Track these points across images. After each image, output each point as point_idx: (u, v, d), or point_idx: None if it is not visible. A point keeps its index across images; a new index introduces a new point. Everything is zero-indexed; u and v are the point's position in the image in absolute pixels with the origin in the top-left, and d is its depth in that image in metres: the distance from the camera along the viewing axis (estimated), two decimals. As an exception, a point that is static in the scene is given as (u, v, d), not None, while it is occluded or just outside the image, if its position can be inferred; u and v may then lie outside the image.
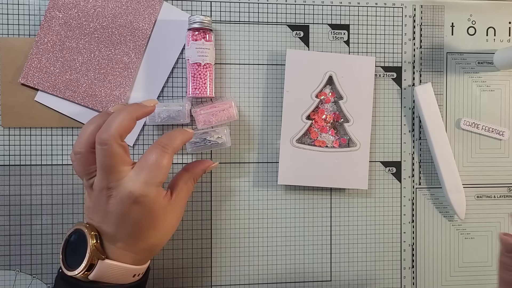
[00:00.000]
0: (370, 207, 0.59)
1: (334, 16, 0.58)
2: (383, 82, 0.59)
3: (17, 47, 0.53)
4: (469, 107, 0.60)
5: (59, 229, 0.54)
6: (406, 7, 0.59)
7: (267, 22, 0.57)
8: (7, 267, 0.54)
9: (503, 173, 0.61)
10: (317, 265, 0.58)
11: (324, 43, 0.58)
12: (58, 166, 0.54)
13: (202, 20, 0.52)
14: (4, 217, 0.54)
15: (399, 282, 0.59)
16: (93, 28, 0.53)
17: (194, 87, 0.53)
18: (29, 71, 0.52)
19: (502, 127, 0.60)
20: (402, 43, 0.59)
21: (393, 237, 0.59)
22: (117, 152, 0.40)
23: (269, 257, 0.58)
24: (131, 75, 0.54)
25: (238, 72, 0.57)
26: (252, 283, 0.57)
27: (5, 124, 0.53)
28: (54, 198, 0.54)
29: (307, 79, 0.56)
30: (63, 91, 0.53)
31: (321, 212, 0.58)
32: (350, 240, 0.59)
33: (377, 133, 0.59)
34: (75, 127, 0.54)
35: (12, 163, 0.54)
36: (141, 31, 0.54)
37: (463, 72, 0.60)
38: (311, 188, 0.58)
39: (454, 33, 0.60)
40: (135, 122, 0.42)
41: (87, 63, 0.53)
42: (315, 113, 0.57)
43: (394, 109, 0.59)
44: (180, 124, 0.55)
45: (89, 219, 0.44)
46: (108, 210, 0.41)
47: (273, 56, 0.57)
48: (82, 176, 0.43)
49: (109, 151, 0.40)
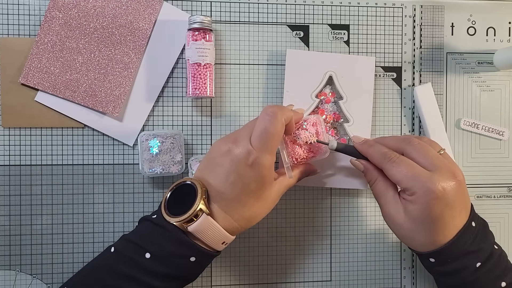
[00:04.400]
0: (370, 207, 0.59)
1: (334, 16, 0.58)
2: (383, 82, 0.59)
3: (17, 47, 0.53)
4: (469, 107, 0.60)
5: (59, 229, 0.54)
6: (406, 7, 0.59)
7: (267, 22, 0.57)
8: (7, 267, 0.54)
9: (503, 173, 0.61)
10: (317, 265, 0.58)
11: (324, 43, 0.58)
12: (58, 166, 0.54)
13: (202, 20, 0.52)
14: (4, 217, 0.54)
15: (399, 282, 0.59)
16: (93, 28, 0.53)
17: (194, 87, 0.53)
18: (29, 71, 0.52)
19: (502, 127, 0.60)
20: (402, 43, 0.59)
21: (393, 237, 0.59)
22: (279, 124, 0.43)
23: (269, 257, 0.58)
24: (131, 75, 0.54)
25: (238, 72, 0.57)
26: (252, 283, 0.57)
27: (5, 124, 0.53)
28: (54, 198, 0.54)
29: (307, 79, 0.56)
30: (63, 91, 0.53)
31: (321, 212, 0.58)
32: (350, 240, 0.59)
33: (377, 133, 0.59)
34: (75, 127, 0.54)
35: (12, 163, 0.54)
36: (141, 31, 0.54)
37: (463, 72, 0.60)
38: (311, 188, 0.58)
39: (454, 33, 0.60)
40: (292, 121, 0.46)
41: (87, 63, 0.53)
42: (315, 113, 0.57)
43: (394, 109, 0.59)
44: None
45: (199, 175, 0.45)
46: (223, 165, 0.43)
47: (273, 56, 0.57)
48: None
49: (272, 121, 0.42)
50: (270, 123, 0.42)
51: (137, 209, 0.55)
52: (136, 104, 0.55)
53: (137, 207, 0.55)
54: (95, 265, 0.44)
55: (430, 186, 0.41)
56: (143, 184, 0.56)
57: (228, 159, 0.43)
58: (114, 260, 0.43)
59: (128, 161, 0.55)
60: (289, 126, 0.46)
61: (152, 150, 0.52)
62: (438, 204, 0.42)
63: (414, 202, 0.43)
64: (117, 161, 0.55)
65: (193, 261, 0.42)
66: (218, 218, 0.43)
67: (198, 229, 0.42)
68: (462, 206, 0.44)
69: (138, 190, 0.55)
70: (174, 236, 0.42)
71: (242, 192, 0.43)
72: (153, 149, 0.52)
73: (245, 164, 0.42)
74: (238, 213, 0.44)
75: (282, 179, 0.47)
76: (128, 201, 0.55)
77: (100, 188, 0.55)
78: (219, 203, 0.43)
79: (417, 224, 0.43)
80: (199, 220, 0.41)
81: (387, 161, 0.45)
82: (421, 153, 0.44)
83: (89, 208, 0.55)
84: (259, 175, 0.43)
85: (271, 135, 0.42)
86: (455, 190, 0.42)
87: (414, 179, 0.42)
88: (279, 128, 0.43)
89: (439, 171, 0.42)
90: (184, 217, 0.41)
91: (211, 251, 0.44)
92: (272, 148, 0.43)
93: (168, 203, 0.44)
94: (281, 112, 0.43)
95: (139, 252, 0.42)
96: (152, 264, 0.41)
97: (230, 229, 0.44)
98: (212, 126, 0.57)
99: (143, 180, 0.56)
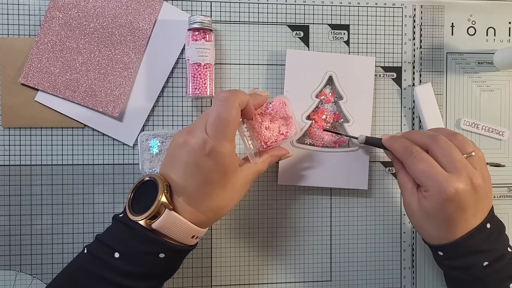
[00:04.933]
0: (370, 207, 0.59)
1: (334, 16, 0.58)
2: (383, 82, 0.59)
3: (17, 47, 0.53)
4: (469, 107, 0.60)
5: (59, 229, 0.54)
6: (406, 7, 0.59)
7: (267, 22, 0.57)
8: (7, 267, 0.54)
9: (503, 173, 0.61)
10: (317, 265, 0.58)
11: (324, 43, 0.58)
12: (58, 166, 0.54)
13: (202, 20, 0.52)
14: (4, 217, 0.54)
15: (399, 282, 0.59)
16: (93, 28, 0.53)
17: (194, 87, 0.53)
18: (29, 71, 0.52)
19: (502, 127, 0.60)
20: (402, 43, 0.59)
21: (393, 237, 0.59)
22: (233, 109, 0.41)
23: (269, 257, 0.58)
24: (131, 75, 0.54)
25: (238, 72, 0.57)
26: (252, 283, 0.57)
27: (5, 124, 0.53)
28: (54, 198, 0.54)
29: (307, 79, 0.56)
30: (63, 91, 0.53)
31: (321, 212, 0.58)
32: (350, 240, 0.59)
33: (377, 133, 0.59)
34: (75, 127, 0.54)
35: (12, 163, 0.54)
36: (141, 31, 0.54)
37: (463, 72, 0.60)
38: (311, 188, 0.58)
39: (454, 33, 0.60)
40: (249, 104, 0.44)
41: (87, 63, 0.53)
42: (315, 113, 0.57)
43: (394, 109, 0.59)
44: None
45: (161, 170, 0.44)
46: (181, 157, 0.42)
47: (273, 56, 0.57)
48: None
49: (224, 106, 0.41)
50: (223, 109, 0.41)
51: (137, 209, 0.55)
52: (136, 104, 0.55)
53: (137, 207, 0.55)
54: (71, 267, 0.44)
55: (443, 186, 0.42)
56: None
57: (184, 150, 0.41)
58: (87, 261, 0.42)
59: (128, 161, 0.55)
60: (246, 110, 0.44)
61: (152, 150, 0.52)
62: (449, 205, 0.42)
63: (427, 199, 0.44)
64: (117, 161, 0.55)
65: (163, 258, 0.42)
66: (182, 212, 0.42)
67: (162, 225, 0.41)
68: (476, 210, 0.44)
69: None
70: (139, 233, 0.41)
71: (204, 183, 0.42)
72: (153, 149, 0.52)
73: (202, 154, 0.41)
74: (203, 205, 0.43)
75: (249, 166, 0.46)
76: (128, 201, 0.55)
77: (100, 188, 0.55)
78: (182, 197, 0.42)
79: (428, 218, 0.44)
80: (162, 216, 0.41)
81: (408, 155, 0.46)
82: (445, 153, 0.44)
83: (89, 208, 0.55)
84: (219, 163, 0.41)
85: (225, 121, 0.41)
86: (469, 194, 0.42)
87: (429, 177, 0.43)
88: (234, 113, 0.41)
89: (458, 174, 0.42)
90: (146, 214, 0.41)
91: (182, 245, 0.43)
92: (229, 135, 0.42)
93: (133, 201, 0.43)
94: (233, 97, 0.42)
95: (108, 252, 0.41)
96: (121, 263, 0.41)
97: (198, 222, 0.43)
98: (212, 126, 0.57)
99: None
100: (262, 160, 0.47)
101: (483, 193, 0.44)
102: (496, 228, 0.45)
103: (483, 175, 0.44)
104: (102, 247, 0.42)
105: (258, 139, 0.47)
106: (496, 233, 0.45)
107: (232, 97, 0.42)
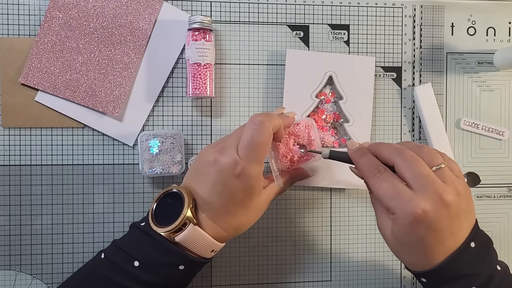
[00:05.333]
0: (370, 207, 0.59)
1: (334, 16, 0.58)
2: (383, 82, 0.59)
3: (17, 47, 0.53)
4: (469, 107, 0.60)
5: (59, 229, 0.54)
6: (406, 7, 0.59)
7: (267, 22, 0.57)
8: (7, 267, 0.54)
9: (503, 173, 0.61)
10: (317, 265, 0.58)
11: (324, 43, 0.58)
12: (58, 166, 0.54)
13: (202, 20, 0.52)
14: (4, 217, 0.54)
15: (399, 282, 0.59)
16: (93, 28, 0.53)
17: (194, 87, 0.53)
18: (29, 71, 0.52)
19: (502, 127, 0.60)
20: (402, 43, 0.59)
21: (393, 237, 0.59)
22: (266, 134, 0.42)
23: (269, 257, 0.58)
24: (131, 75, 0.54)
25: (238, 72, 0.57)
26: (252, 283, 0.57)
27: (5, 124, 0.53)
28: (54, 198, 0.54)
29: (307, 79, 0.56)
30: (63, 91, 0.53)
31: (321, 212, 0.58)
32: (350, 240, 0.59)
33: (377, 133, 0.59)
34: (75, 127, 0.54)
35: (12, 163, 0.54)
36: (141, 31, 0.54)
37: (463, 72, 0.60)
38: (311, 188, 0.58)
39: (454, 33, 0.60)
40: (281, 128, 0.45)
41: (87, 63, 0.53)
42: (315, 113, 0.57)
43: (394, 109, 0.59)
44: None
45: (187, 183, 0.45)
46: (210, 175, 0.42)
47: (273, 56, 0.57)
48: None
49: (259, 131, 0.41)
50: (257, 133, 0.41)
51: (137, 209, 0.55)
52: (136, 104, 0.55)
53: (137, 207, 0.55)
54: (86, 271, 0.44)
55: (408, 207, 0.38)
56: (143, 184, 0.56)
57: (214, 169, 0.42)
58: (104, 267, 0.42)
59: (128, 161, 0.55)
60: (277, 134, 0.45)
61: (152, 150, 0.52)
62: (418, 228, 0.38)
63: (395, 223, 0.40)
64: (117, 161, 0.55)
65: (182, 269, 0.42)
66: (205, 227, 0.43)
67: (186, 239, 0.41)
68: (453, 230, 0.39)
69: (138, 190, 0.55)
70: (162, 245, 0.41)
71: (229, 202, 0.42)
72: (153, 149, 0.52)
73: (231, 174, 0.41)
74: (226, 222, 0.43)
75: (272, 187, 0.46)
76: (128, 201, 0.55)
77: (100, 188, 0.55)
78: (206, 212, 0.43)
79: (401, 244, 0.41)
80: (186, 230, 0.41)
81: (372, 175, 0.41)
82: (410, 169, 0.39)
83: (89, 208, 0.55)
84: (246, 185, 0.42)
85: (258, 145, 0.41)
86: (440, 214, 0.38)
87: (394, 199, 0.39)
88: (267, 138, 0.42)
89: (424, 191, 0.38)
90: (171, 227, 0.41)
91: (201, 259, 0.43)
92: (259, 158, 0.42)
93: (156, 211, 0.44)
94: (268, 121, 0.42)
95: (127, 260, 0.42)
96: (141, 272, 0.41)
97: (218, 238, 0.43)
98: (212, 126, 0.57)
99: (143, 180, 0.56)
100: (285, 181, 0.48)
101: (458, 210, 0.39)
102: (482, 246, 0.40)
103: (457, 189, 0.39)
104: (120, 254, 0.42)
105: (282, 160, 0.48)
106: (483, 252, 0.40)
107: (267, 122, 0.42)
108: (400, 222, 0.39)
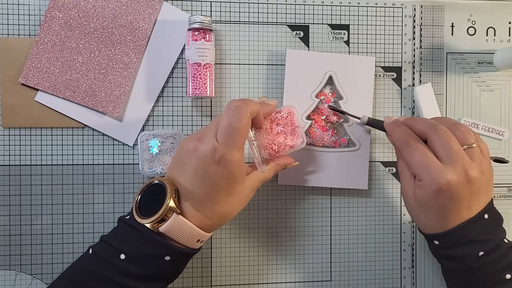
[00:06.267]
0: (370, 207, 0.59)
1: (334, 16, 0.58)
2: (383, 82, 0.59)
3: (17, 47, 0.53)
4: (469, 107, 0.60)
5: (59, 229, 0.54)
6: (406, 7, 0.59)
7: (267, 22, 0.57)
8: (7, 267, 0.54)
9: (503, 173, 0.61)
10: (317, 265, 0.58)
11: (324, 43, 0.58)
12: (58, 166, 0.54)
13: (202, 20, 0.52)
14: (4, 217, 0.54)
15: (399, 282, 0.59)
16: (93, 28, 0.53)
17: (194, 87, 0.53)
18: (29, 71, 0.52)
19: (502, 127, 0.60)
20: (402, 43, 0.59)
21: (393, 237, 0.59)
22: (244, 118, 0.42)
23: (269, 257, 0.58)
24: (131, 75, 0.54)
25: (238, 72, 0.57)
26: (252, 283, 0.57)
27: (5, 124, 0.53)
28: (54, 198, 0.54)
29: (307, 79, 0.56)
30: (63, 91, 0.53)
31: (321, 212, 0.58)
32: (350, 240, 0.59)
33: (377, 133, 0.59)
34: (75, 127, 0.54)
35: (12, 163, 0.54)
36: (141, 31, 0.54)
37: (463, 72, 0.60)
38: (311, 188, 0.58)
39: (454, 33, 0.60)
40: (260, 114, 0.45)
41: (87, 63, 0.53)
42: (315, 113, 0.57)
43: (394, 109, 0.59)
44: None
45: (169, 174, 0.45)
46: (190, 163, 0.42)
47: (273, 56, 0.57)
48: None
49: (236, 115, 0.42)
50: (235, 118, 0.41)
51: (137, 209, 0.55)
52: (136, 104, 0.55)
53: (137, 207, 0.55)
54: (75, 267, 0.44)
55: (435, 177, 0.42)
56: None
57: (194, 157, 0.42)
58: (92, 262, 0.42)
59: (128, 161, 0.55)
60: (256, 119, 0.45)
61: (152, 150, 0.52)
62: (441, 196, 0.42)
63: (421, 188, 0.44)
64: (117, 161, 0.55)
65: (169, 260, 0.42)
66: (190, 216, 0.43)
67: (170, 229, 0.41)
68: (471, 203, 0.43)
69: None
70: (146, 236, 0.41)
71: (212, 190, 0.42)
72: (153, 149, 0.52)
73: (211, 161, 0.41)
74: (210, 211, 0.43)
75: (255, 174, 0.46)
76: (128, 201, 0.55)
77: (100, 188, 0.55)
78: (190, 201, 0.43)
79: (422, 207, 0.45)
80: (169, 220, 0.41)
81: (405, 144, 0.45)
82: (442, 144, 0.43)
83: (89, 208, 0.55)
84: (228, 171, 0.42)
85: (236, 130, 0.41)
86: (462, 187, 0.42)
87: (423, 168, 0.43)
88: (245, 123, 0.42)
89: (452, 165, 0.42)
90: (154, 218, 0.41)
91: (187, 249, 0.43)
92: (238, 143, 0.42)
93: (140, 204, 0.44)
94: (245, 106, 0.42)
95: (114, 253, 0.42)
96: (127, 265, 0.41)
97: (204, 227, 0.43)
98: (212, 126, 0.57)
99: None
100: (269, 169, 0.48)
101: (479, 187, 0.43)
102: (494, 220, 0.45)
103: (482, 168, 0.43)
104: (107, 248, 0.42)
105: (265, 147, 0.48)
106: (494, 225, 0.45)
107: (244, 106, 0.42)
108: (425, 189, 0.43)
